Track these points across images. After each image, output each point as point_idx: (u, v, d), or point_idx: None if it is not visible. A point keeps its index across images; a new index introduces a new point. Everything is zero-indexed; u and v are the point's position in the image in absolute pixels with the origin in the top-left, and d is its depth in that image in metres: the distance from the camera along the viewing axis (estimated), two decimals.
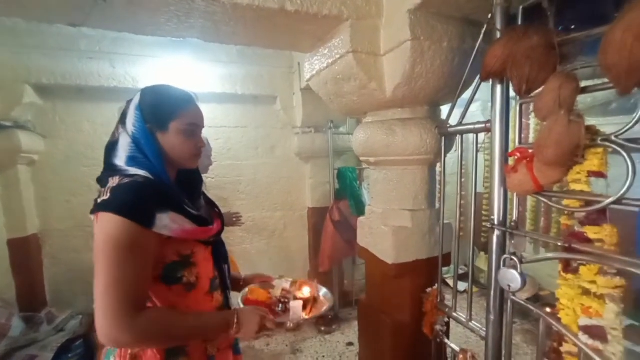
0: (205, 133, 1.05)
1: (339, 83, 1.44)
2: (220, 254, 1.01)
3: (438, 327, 1.46)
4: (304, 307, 1.10)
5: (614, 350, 0.82)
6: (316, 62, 1.54)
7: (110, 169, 0.85)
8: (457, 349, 1.34)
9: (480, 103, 3.30)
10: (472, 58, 1.16)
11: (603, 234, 0.83)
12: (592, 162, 0.83)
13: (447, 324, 1.49)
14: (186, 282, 0.88)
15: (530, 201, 3.09)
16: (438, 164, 1.47)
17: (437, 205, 1.54)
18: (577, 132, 0.77)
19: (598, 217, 0.85)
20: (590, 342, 0.85)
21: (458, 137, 1.33)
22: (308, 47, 1.59)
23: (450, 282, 2.73)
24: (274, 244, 3.07)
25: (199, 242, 0.91)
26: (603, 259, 0.81)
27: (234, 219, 2.14)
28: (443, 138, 1.35)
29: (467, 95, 1.25)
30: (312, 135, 2.89)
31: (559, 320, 0.95)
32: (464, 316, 1.33)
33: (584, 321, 0.88)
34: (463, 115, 1.25)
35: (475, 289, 3.18)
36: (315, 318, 1.09)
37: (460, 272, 3.40)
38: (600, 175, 0.83)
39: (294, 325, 2.73)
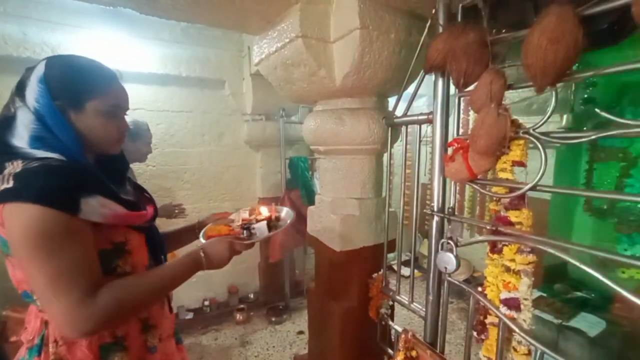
0: (145, 116, 0.95)
1: (288, 69, 1.40)
2: (155, 241, 0.94)
3: (383, 311, 1.53)
4: (267, 226, 1.11)
5: (524, 317, 0.93)
6: (265, 46, 1.48)
7: (5, 150, 0.72)
8: (399, 329, 1.42)
9: (427, 98, 3.48)
10: (417, 51, 1.20)
11: (522, 217, 0.93)
12: (516, 152, 0.92)
13: (392, 307, 1.57)
14: (121, 272, 0.80)
15: (468, 190, 3.37)
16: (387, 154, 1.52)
17: (384, 194, 1.60)
18: (504, 124, 0.84)
19: (518, 202, 0.94)
20: (507, 312, 0.96)
21: (403, 128, 1.38)
22: (257, 29, 1.52)
23: (396, 267, 2.89)
24: None
25: (132, 228, 0.84)
26: (521, 239, 0.91)
27: (176, 211, 1.99)
28: (389, 128, 1.39)
29: (413, 88, 1.30)
30: (262, 123, 2.81)
31: (485, 296, 1.05)
32: (407, 299, 1.41)
33: (504, 295, 0.98)
34: (408, 107, 1.29)
35: (418, 274, 3.42)
36: (279, 230, 1.13)
37: (406, 258, 3.62)
38: (521, 164, 0.92)
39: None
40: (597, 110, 0.77)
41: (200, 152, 2.80)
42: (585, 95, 2.59)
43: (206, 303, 2.87)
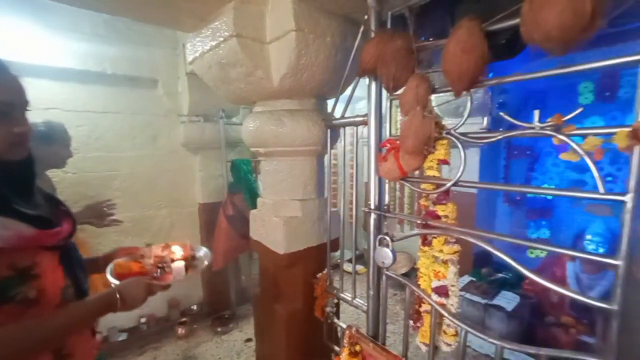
0: (62, 117, 0.83)
1: (224, 68, 1.35)
2: (72, 260, 0.83)
3: (328, 309, 1.56)
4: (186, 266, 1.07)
5: (452, 302, 1.02)
6: (199, 44, 1.41)
7: None
8: (344, 326, 1.46)
9: (367, 101, 3.62)
10: (352, 55, 1.24)
11: (447, 211, 1.01)
12: (440, 151, 1.00)
13: (337, 305, 1.60)
14: (21, 299, 0.69)
15: (407, 188, 3.60)
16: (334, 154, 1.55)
17: (326, 194, 1.62)
18: (429, 125, 0.91)
19: (444, 197, 1.03)
20: (438, 299, 1.04)
21: (343, 130, 1.42)
22: (190, 26, 1.44)
23: (344, 266, 2.95)
24: None
25: (43, 248, 0.73)
26: (447, 230, 0.99)
27: (104, 209, 1.67)
28: (329, 130, 1.42)
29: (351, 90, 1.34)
30: (201, 125, 2.67)
31: (418, 286, 1.12)
32: (350, 295, 1.45)
33: (435, 283, 1.06)
34: (345, 109, 1.33)
35: (364, 270, 3.55)
36: (197, 274, 1.08)
37: (352, 256, 3.74)
38: (445, 162, 1.01)
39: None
40: (501, 113, 0.88)
41: (132, 157, 2.56)
42: (501, 100, 2.94)
43: (143, 320, 2.63)
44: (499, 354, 0.91)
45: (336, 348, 1.56)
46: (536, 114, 0.77)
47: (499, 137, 0.85)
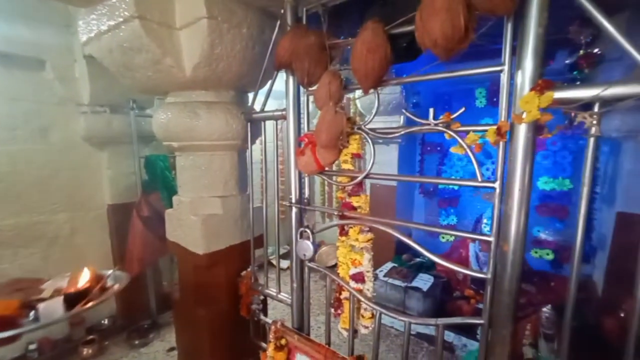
0: None
1: (127, 53, 1.21)
2: None
3: (254, 307, 1.53)
4: (82, 298, 0.91)
5: (368, 287, 1.09)
6: (94, 23, 1.23)
7: None
8: (269, 321, 1.45)
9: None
10: (270, 48, 1.23)
11: (361, 202, 1.08)
12: (354, 145, 1.05)
13: (264, 302, 1.58)
14: None
15: None
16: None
17: (249, 191, 1.58)
18: (341, 120, 0.95)
19: (358, 189, 1.09)
20: (355, 285, 1.10)
21: (263, 124, 1.40)
22: (80, 0, 1.25)
23: (276, 262, 2.91)
24: (57, 256, 2.34)
25: None
26: (361, 220, 1.05)
27: None
28: (249, 124, 1.39)
29: (277, 84, 1.31)
30: (107, 116, 2.35)
31: (338, 275, 1.18)
32: (275, 290, 1.45)
33: (352, 271, 1.12)
34: (264, 103, 1.31)
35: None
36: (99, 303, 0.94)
37: (284, 250, 3.73)
38: (358, 156, 1.07)
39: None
40: (403, 110, 0.96)
41: (12, 152, 2.12)
42: (414, 100, 3.23)
43: (32, 347, 2.18)
44: (407, 328, 1.01)
45: (264, 345, 1.55)
46: (431, 112, 0.86)
47: (402, 132, 0.93)
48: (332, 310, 1.24)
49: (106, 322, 2.62)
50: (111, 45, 1.23)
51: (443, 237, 3.49)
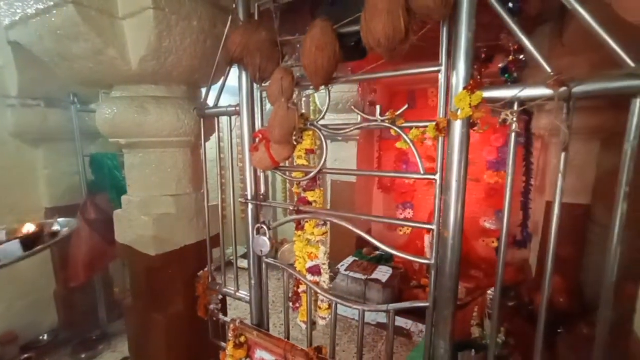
0: None
1: (62, 41, 1.11)
2: None
3: (213, 307, 1.50)
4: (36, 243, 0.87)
5: (324, 279, 1.12)
6: (18, 4, 1.11)
7: None
8: (228, 320, 1.43)
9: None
10: (222, 43, 1.20)
11: (316, 196, 1.10)
12: (307, 142, 1.07)
13: (224, 301, 1.55)
14: None
15: None
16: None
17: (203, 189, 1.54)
18: (293, 116, 0.96)
19: (313, 184, 1.11)
20: (312, 278, 1.13)
21: (216, 120, 1.37)
22: None
23: (240, 263, 2.88)
24: None
25: None
26: (316, 214, 1.08)
27: None
28: (202, 120, 1.35)
29: (231, 80, 1.28)
30: (42, 111, 2.13)
31: (295, 269, 1.20)
32: (233, 289, 1.43)
33: (309, 264, 1.14)
34: (218, 98, 1.29)
35: None
36: None
37: (245, 251, 3.67)
38: (311, 152, 1.09)
39: None
40: (352, 107, 1.00)
41: None
42: (370, 99, 3.34)
43: None
44: (361, 316, 1.06)
45: (223, 344, 1.53)
46: (377, 109, 0.91)
47: (352, 129, 0.97)
48: (291, 304, 1.26)
49: (45, 337, 2.40)
50: (41, 31, 1.13)
51: (400, 230, 3.66)
